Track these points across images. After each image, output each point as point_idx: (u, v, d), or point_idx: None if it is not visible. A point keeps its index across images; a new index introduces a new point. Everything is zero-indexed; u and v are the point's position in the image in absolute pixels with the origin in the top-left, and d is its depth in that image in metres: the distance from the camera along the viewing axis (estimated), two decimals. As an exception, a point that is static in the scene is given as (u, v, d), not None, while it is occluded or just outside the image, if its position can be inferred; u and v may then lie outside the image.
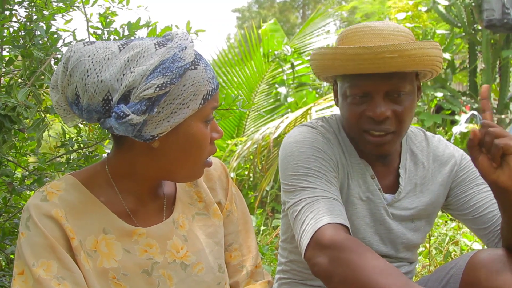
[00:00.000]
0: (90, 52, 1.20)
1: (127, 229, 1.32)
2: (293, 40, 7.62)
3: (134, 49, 1.20)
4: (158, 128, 1.21)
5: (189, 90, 1.20)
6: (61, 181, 1.32)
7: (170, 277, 1.35)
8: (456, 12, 7.10)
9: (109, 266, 1.28)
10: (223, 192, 1.54)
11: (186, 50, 1.20)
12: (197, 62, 1.23)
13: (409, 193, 1.81)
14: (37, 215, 1.23)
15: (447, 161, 1.86)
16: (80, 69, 1.19)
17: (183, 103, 1.21)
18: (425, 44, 1.61)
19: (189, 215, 1.45)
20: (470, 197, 1.80)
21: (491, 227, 1.75)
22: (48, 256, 1.22)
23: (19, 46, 1.68)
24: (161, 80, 1.15)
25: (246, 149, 5.13)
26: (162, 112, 1.19)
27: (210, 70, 1.26)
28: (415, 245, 1.85)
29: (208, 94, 1.24)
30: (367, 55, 1.57)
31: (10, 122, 1.56)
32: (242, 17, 37.02)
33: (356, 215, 1.76)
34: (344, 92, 1.70)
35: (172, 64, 1.17)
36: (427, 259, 3.48)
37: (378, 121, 1.65)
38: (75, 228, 1.26)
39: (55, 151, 2.03)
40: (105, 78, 1.17)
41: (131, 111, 1.15)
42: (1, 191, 1.97)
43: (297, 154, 1.70)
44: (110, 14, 1.87)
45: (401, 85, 1.64)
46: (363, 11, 13.42)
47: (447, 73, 7.06)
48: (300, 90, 7.22)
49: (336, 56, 1.64)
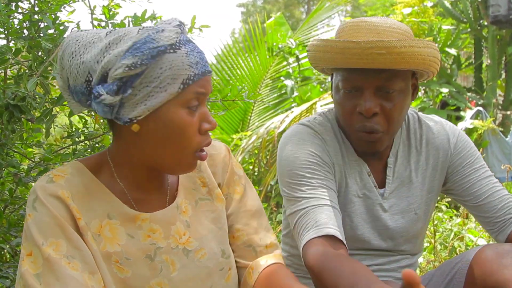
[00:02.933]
0: (79, 36, 1.25)
1: (130, 214, 1.32)
2: (297, 33, 7.60)
3: (119, 33, 1.22)
4: (135, 111, 1.20)
5: (166, 73, 1.19)
6: (67, 166, 1.33)
7: (173, 262, 1.35)
8: (462, 8, 7.08)
9: (113, 250, 1.29)
10: (223, 175, 1.53)
11: (163, 32, 1.20)
12: (178, 46, 1.21)
13: (404, 181, 1.80)
14: (44, 196, 1.24)
15: (442, 144, 1.83)
16: (68, 52, 1.24)
17: (160, 86, 1.20)
18: (417, 42, 1.58)
19: (192, 200, 1.45)
20: (469, 183, 1.78)
21: (492, 216, 1.74)
22: (57, 235, 1.22)
23: (25, 37, 1.68)
24: (131, 60, 1.16)
25: (251, 143, 5.13)
26: (139, 94, 1.19)
27: (194, 56, 1.23)
28: (415, 236, 1.84)
29: (189, 79, 1.22)
30: (355, 50, 1.56)
31: (20, 112, 1.56)
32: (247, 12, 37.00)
33: (355, 212, 1.76)
34: (337, 85, 1.71)
35: (143, 45, 1.17)
36: (432, 255, 3.47)
37: (367, 118, 1.64)
38: (81, 210, 1.27)
39: (61, 142, 2.04)
40: (86, 59, 1.20)
41: (105, 91, 1.17)
42: (7, 182, 1.97)
43: (292, 160, 1.70)
44: (113, 6, 1.86)
45: (392, 82, 1.62)
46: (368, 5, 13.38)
47: (452, 69, 7.05)
48: (304, 84, 7.21)
49: (327, 49, 1.64)
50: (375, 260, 1.79)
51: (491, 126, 5.84)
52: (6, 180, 1.97)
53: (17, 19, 1.78)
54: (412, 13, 6.98)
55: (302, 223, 1.60)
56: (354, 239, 1.76)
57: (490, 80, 6.97)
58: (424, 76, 1.75)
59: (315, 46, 1.70)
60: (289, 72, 7.08)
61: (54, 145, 2.01)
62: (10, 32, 1.68)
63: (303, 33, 7.52)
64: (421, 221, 1.83)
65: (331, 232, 1.54)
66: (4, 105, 1.56)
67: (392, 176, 1.79)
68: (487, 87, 7.04)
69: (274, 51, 7.11)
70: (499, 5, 6.29)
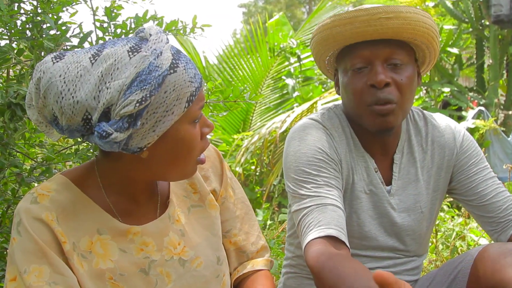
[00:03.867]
0: (60, 70, 1.13)
1: (121, 229, 1.29)
2: (298, 33, 7.60)
3: (107, 60, 1.12)
4: (145, 140, 1.15)
5: (171, 96, 1.14)
6: (51, 181, 1.28)
7: (168, 274, 1.33)
8: (464, 7, 7.08)
9: (106, 266, 1.26)
10: (217, 178, 1.51)
11: (162, 55, 1.12)
12: (175, 64, 1.15)
13: (410, 178, 1.80)
14: (27, 219, 1.20)
15: (448, 142, 1.83)
16: (53, 92, 1.13)
17: (167, 110, 1.14)
18: (422, 12, 1.64)
19: (184, 208, 1.42)
20: (474, 183, 1.78)
21: (496, 217, 1.74)
22: (40, 262, 1.19)
23: (27, 38, 1.68)
24: (140, 94, 1.08)
25: (253, 143, 5.13)
26: (147, 123, 1.13)
27: (190, 68, 1.18)
28: (421, 235, 1.84)
29: (192, 95, 1.17)
30: (364, 17, 1.60)
31: (22, 111, 1.56)
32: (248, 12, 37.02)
33: (361, 208, 1.75)
34: (344, 67, 1.72)
35: (149, 75, 1.09)
36: (433, 254, 3.47)
37: (380, 90, 1.63)
38: (67, 231, 1.23)
39: (63, 142, 2.04)
40: (81, 98, 1.11)
41: (114, 129, 1.09)
42: (10, 182, 1.97)
43: (299, 156, 1.70)
44: (115, 8, 1.86)
45: (399, 52, 1.66)
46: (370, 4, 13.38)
47: (454, 69, 7.04)
48: (306, 84, 7.21)
49: (335, 23, 1.65)
50: (381, 262, 1.79)
51: (493, 126, 5.83)
52: (9, 180, 1.97)
53: (19, 20, 1.78)
54: (413, 13, 6.95)
55: (305, 222, 1.60)
56: (362, 236, 1.76)
57: (492, 80, 6.97)
58: (425, 63, 1.78)
59: (322, 26, 1.71)
60: (291, 72, 7.08)
61: (56, 145, 2.01)
62: (13, 32, 1.68)
63: (304, 33, 7.51)
64: (427, 220, 1.83)
65: (333, 233, 1.53)
66: (6, 104, 1.57)
67: (398, 173, 1.78)
68: (489, 87, 7.04)
69: (276, 51, 7.11)
70: (501, 4, 6.28)
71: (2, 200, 1.90)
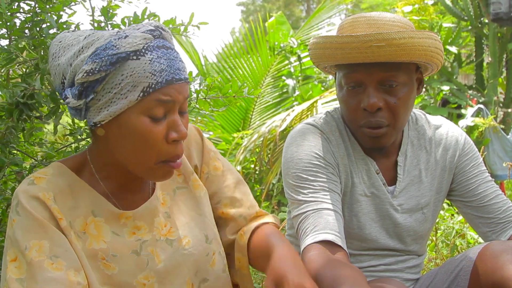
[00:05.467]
0: (63, 37, 1.27)
1: (115, 213, 1.33)
2: (299, 33, 7.60)
3: (93, 37, 1.22)
4: (99, 116, 1.21)
5: (127, 80, 1.18)
6: (48, 167, 1.33)
7: (157, 254, 1.35)
8: (463, 5, 7.07)
9: (99, 247, 1.29)
10: (198, 155, 1.52)
11: (126, 38, 1.18)
12: (143, 53, 1.19)
13: (413, 180, 1.80)
14: (25, 199, 1.24)
15: (451, 144, 1.83)
16: (51, 53, 1.27)
17: (121, 93, 1.18)
18: (417, 34, 1.57)
19: (170, 190, 1.45)
20: (475, 184, 1.79)
21: (496, 218, 1.76)
22: (40, 237, 1.22)
23: (27, 37, 1.68)
24: (90, 66, 1.17)
25: (252, 142, 5.12)
26: (102, 99, 1.20)
27: (160, 63, 1.20)
28: (422, 236, 1.84)
29: (150, 87, 1.19)
30: (354, 44, 1.56)
31: (29, 110, 1.56)
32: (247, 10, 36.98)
33: (362, 211, 1.75)
34: (340, 82, 1.70)
35: (103, 51, 1.17)
36: (433, 252, 3.47)
37: (372, 113, 1.63)
38: (63, 210, 1.27)
39: (63, 140, 2.04)
40: (61, 62, 1.23)
41: (71, 95, 1.20)
42: (10, 181, 1.97)
43: (296, 162, 1.70)
44: (112, 7, 1.86)
45: (394, 74, 1.62)
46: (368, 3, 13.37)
47: (453, 67, 7.03)
48: (306, 83, 7.20)
49: (326, 45, 1.64)
50: (382, 260, 1.79)
51: (492, 124, 5.82)
52: (9, 178, 1.97)
53: (19, 19, 1.78)
54: (412, 11, 6.96)
55: (303, 228, 1.61)
56: (362, 239, 1.76)
57: (491, 77, 6.96)
58: (428, 70, 1.74)
59: (315, 43, 1.70)
60: (291, 71, 7.07)
61: (56, 143, 2.01)
62: (13, 31, 1.68)
63: (304, 33, 7.51)
64: (429, 221, 1.83)
65: (329, 238, 1.54)
66: (14, 103, 1.57)
67: (403, 174, 1.78)
68: (488, 84, 7.03)
69: (276, 50, 7.10)
70: (500, 2, 6.27)
71: (2, 198, 1.89)
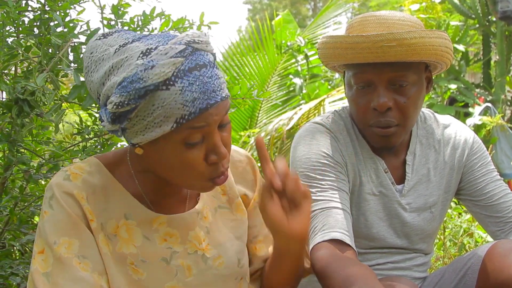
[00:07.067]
0: (94, 48, 1.22)
1: (148, 216, 1.31)
2: (305, 31, 7.59)
3: (122, 54, 1.16)
4: (136, 138, 1.18)
5: (158, 111, 1.12)
6: (85, 162, 1.31)
7: (189, 267, 1.33)
8: (470, 3, 7.05)
9: (128, 251, 1.28)
10: (249, 184, 1.51)
11: (153, 69, 1.10)
12: (172, 81, 1.11)
13: (422, 179, 1.79)
14: (60, 193, 1.23)
15: (459, 143, 1.83)
16: (84, 65, 1.24)
17: (155, 122, 1.14)
18: (427, 33, 1.57)
19: (212, 207, 1.43)
20: (483, 183, 1.79)
21: (505, 217, 1.75)
22: (71, 234, 1.22)
23: (35, 35, 1.68)
24: (118, 99, 1.11)
25: (259, 140, 5.11)
26: (136, 125, 1.15)
27: (192, 92, 1.12)
28: (430, 235, 1.84)
29: (183, 118, 1.13)
30: (365, 44, 1.55)
31: (29, 107, 1.56)
32: (254, 9, 37.00)
33: (370, 210, 1.75)
34: (349, 81, 1.69)
35: (130, 84, 1.11)
36: (441, 251, 3.46)
37: (382, 113, 1.62)
38: (96, 211, 1.26)
39: (71, 139, 2.04)
40: (95, 79, 1.19)
41: (105, 118, 1.17)
42: (18, 179, 1.98)
43: (304, 161, 1.69)
44: (123, 5, 1.86)
45: (404, 74, 1.61)
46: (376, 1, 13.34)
47: (461, 65, 7.01)
48: (312, 81, 7.20)
49: (336, 45, 1.62)
50: (390, 258, 1.79)
51: (500, 122, 5.81)
52: (17, 177, 1.97)
53: (27, 18, 1.79)
54: (420, 9, 6.95)
55: (311, 227, 1.59)
56: (369, 238, 1.75)
57: (498, 76, 6.94)
58: (437, 68, 1.74)
59: (324, 43, 1.69)
60: (298, 69, 7.07)
61: (64, 142, 2.01)
62: (20, 30, 1.69)
63: (311, 31, 7.50)
64: (436, 220, 1.83)
65: (337, 236, 1.53)
66: (14, 100, 1.57)
67: (411, 173, 1.78)
68: (495, 83, 7.01)
69: (283, 49, 7.10)
70: (507, 0, 6.25)
71: (10, 197, 1.90)
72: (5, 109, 1.60)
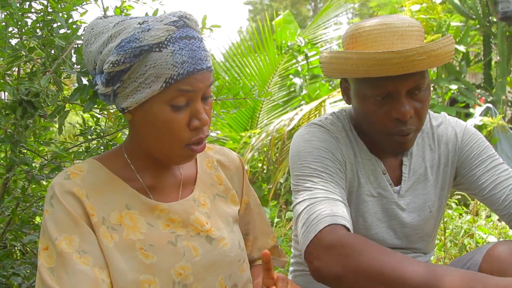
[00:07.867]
0: (95, 24, 1.35)
1: (149, 204, 1.39)
2: (306, 32, 7.59)
3: (120, 26, 1.29)
4: (126, 102, 1.29)
5: (150, 71, 1.24)
6: (84, 163, 1.39)
7: (195, 248, 1.39)
8: (471, 4, 7.05)
9: (136, 237, 1.34)
10: (239, 184, 1.62)
11: (149, 31, 1.24)
12: (165, 45, 1.25)
13: (419, 178, 1.80)
14: (60, 192, 1.30)
15: (450, 138, 1.84)
16: (84, 39, 1.36)
17: (145, 83, 1.25)
18: (447, 41, 1.58)
19: (210, 194, 1.52)
20: (475, 176, 1.78)
21: (497, 210, 1.73)
22: (70, 231, 1.28)
23: (38, 36, 1.69)
24: (115, 57, 1.24)
25: (260, 141, 5.13)
26: (128, 87, 1.27)
27: (182, 55, 1.26)
28: (429, 234, 1.85)
29: (172, 78, 1.25)
30: (396, 60, 1.51)
31: (33, 108, 1.58)
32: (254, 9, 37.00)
33: (368, 212, 1.76)
34: (363, 93, 1.65)
35: (127, 44, 1.24)
36: (442, 252, 3.47)
37: (404, 122, 1.62)
38: (96, 206, 1.32)
39: (74, 140, 2.05)
40: (93, 49, 1.31)
41: (99, 81, 1.30)
42: (20, 180, 1.98)
43: (304, 155, 1.69)
44: (126, 8, 1.87)
45: (422, 81, 1.61)
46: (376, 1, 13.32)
47: (461, 66, 7.01)
48: (313, 82, 7.20)
49: (361, 62, 1.56)
50: None
51: (501, 123, 5.81)
52: (19, 177, 1.98)
53: (30, 19, 1.79)
54: (420, 10, 6.95)
55: (317, 209, 1.54)
56: (369, 239, 1.75)
57: (499, 76, 6.93)
58: None
59: (343, 59, 1.62)
60: (298, 70, 7.07)
61: (66, 143, 2.02)
62: (23, 31, 1.69)
63: (311, 31, 7.51)
64: (434, 218, 1.84)
65: (348, 225, 1.52)
66: (18, 101, 1.58)
67: (408, 173, 1.79)
68: (496, 83, 7.01)
69: (283, 49, 7.11)
70: (508, 1, 6.25)
71: (12, 198, 1.91)
72: (9, 110, 1.61)
